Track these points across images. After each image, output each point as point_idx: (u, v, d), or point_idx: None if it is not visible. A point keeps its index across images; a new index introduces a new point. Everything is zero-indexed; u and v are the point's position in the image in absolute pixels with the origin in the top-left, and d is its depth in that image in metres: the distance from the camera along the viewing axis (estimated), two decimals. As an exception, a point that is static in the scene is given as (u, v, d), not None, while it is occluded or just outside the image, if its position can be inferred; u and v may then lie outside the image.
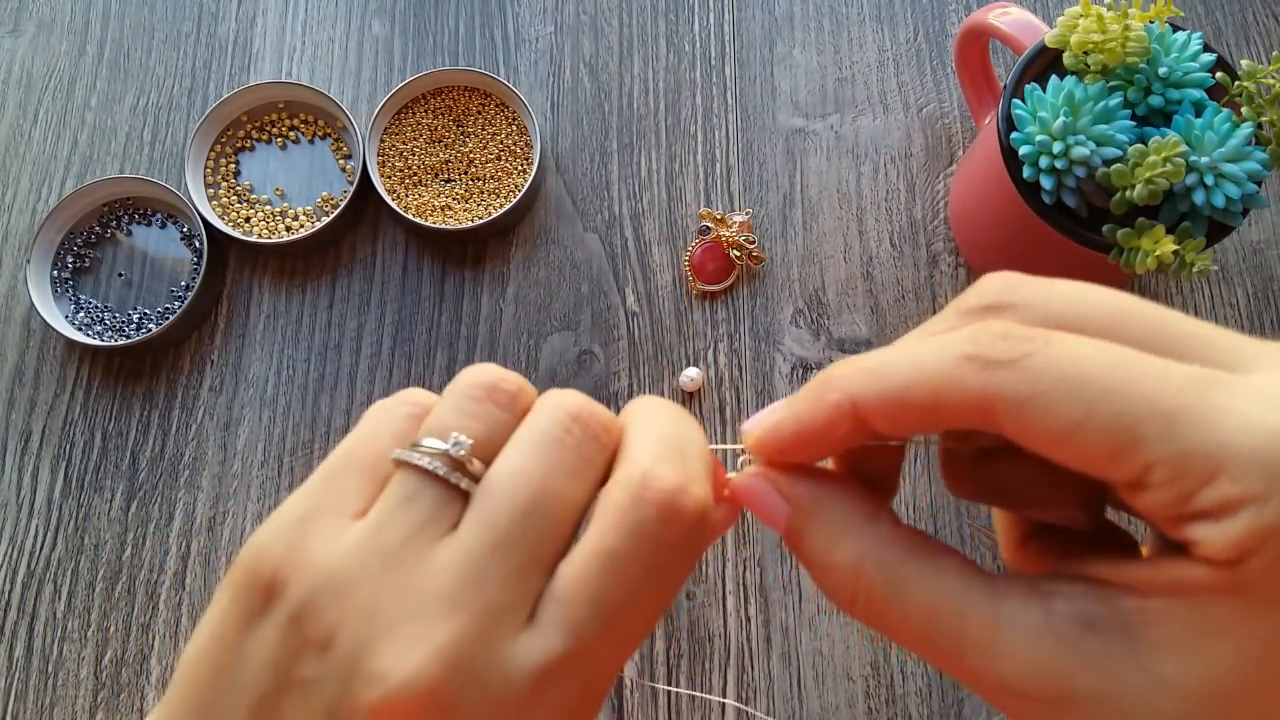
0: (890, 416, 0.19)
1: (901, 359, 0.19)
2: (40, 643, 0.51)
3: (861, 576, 0.20)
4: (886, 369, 0.19)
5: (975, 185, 0.51)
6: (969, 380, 0.18)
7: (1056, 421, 0.17)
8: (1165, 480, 0.16)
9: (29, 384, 0.55)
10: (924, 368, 0.18)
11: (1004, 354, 0.18)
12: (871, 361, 0.20)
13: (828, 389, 0.20)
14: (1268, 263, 0.54)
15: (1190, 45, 0.42)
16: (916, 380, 0.18)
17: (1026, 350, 0.17)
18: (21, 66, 0.61)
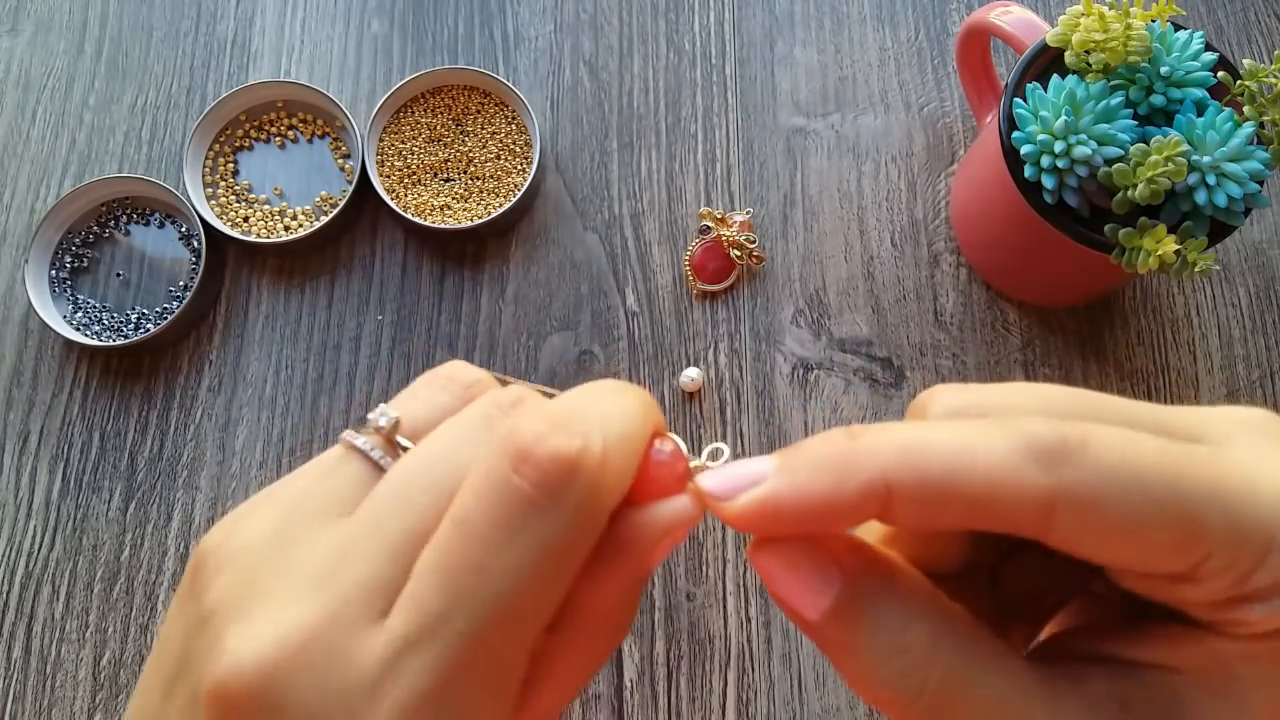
0: (928, 509, 0.16)
1: (946, 443, 0.16)
2: (38, 643, 0.51)
3: (934, 668, 0.17)
4: (928, 452, 0.16)
5: (977, 185, 0.51)
6: (1033, 478, 0.16)
7: (1121, 520, 0.16)
8: (1219, 569, 0.16)
9: (27, 384, 0.55)
10: (977, 457, 0.16)
11: (1062, 447, 0.16)
12: (906, 439, 0.17)
13: (851, 466, 0.17)
14: (1270, 262, 0.54)
15: (1192, 44, 0.42)
16: (968, 470, 0.16)
17: (1080, 442, 0.16)
18: (20, 66, 0.61)
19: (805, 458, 0.17)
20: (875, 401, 0.52)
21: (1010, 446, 0.16)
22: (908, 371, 0.53)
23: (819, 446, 0.17)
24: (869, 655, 0.17)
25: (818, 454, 0.17)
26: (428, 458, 0.19)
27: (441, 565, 0.17)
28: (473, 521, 0.17)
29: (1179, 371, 0.52)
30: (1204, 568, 0.16)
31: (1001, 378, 0.53)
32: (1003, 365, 0.53)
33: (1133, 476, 0.16)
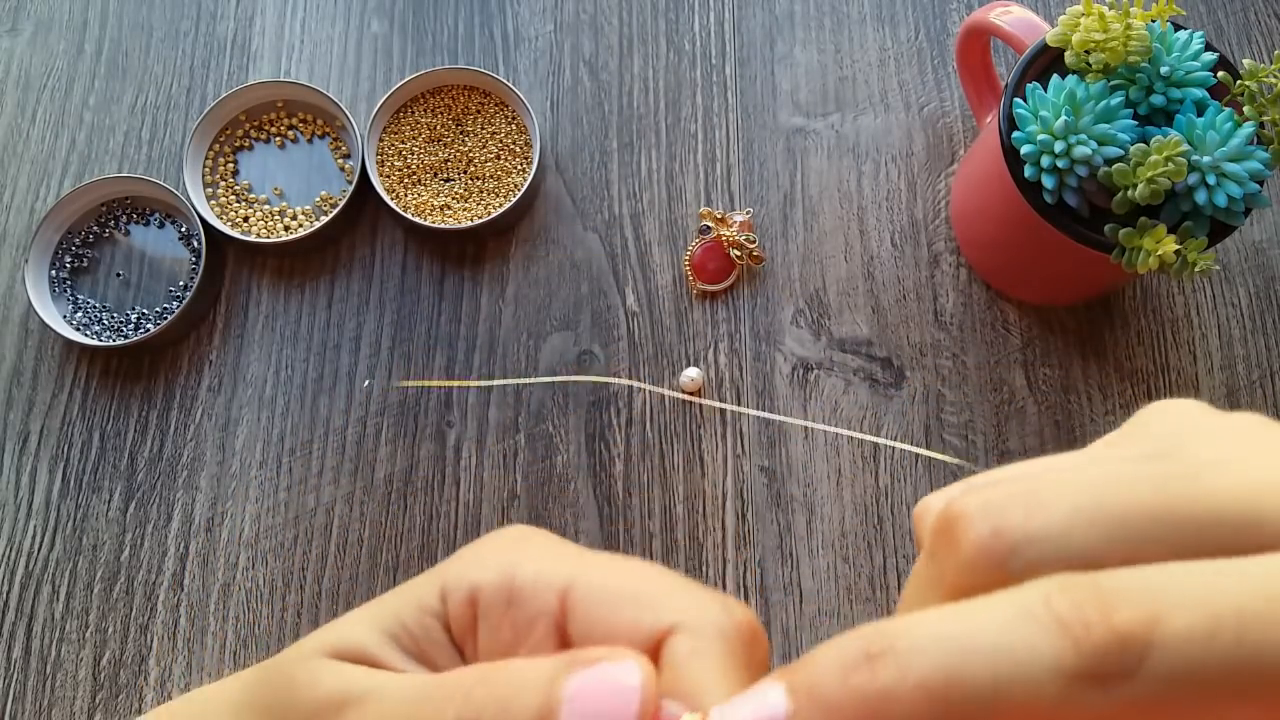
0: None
1: (980, 666, 0.14)
2: (38, 643, 0.51)
3: None
4: (962, 684, 0.14)
5: (976, 185, 0.51)
6: (1087, 702, 0.14)
7: (1193, 703, 0.13)
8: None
9: (27, 384, 0.55)
10: (1019, 687, 0.14)
11: (1122, 668, 0.13)
12: (934, 666, 0.14)
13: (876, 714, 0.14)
14: (1270, 262, 0.54)
15: (1192, 44, 0.42)
16: (1009, 705, 0.14)
17: (1143, 643, 0.13)
18: (20, 66, 0.61)
19: (823, 707, 0.15)
20: (875, 401, 0.52)
21: (1059, 666, 0.14)
22: (907, 371, 0.53)
23: (836, 695, 0.15)
24: None
25: (836, 705, 0.15)
26: None
27: None
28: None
29: (1179, 371, 0.52)
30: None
31: (1001, 378, 0.53)
32: (1003, 365, 0.53)
33: (1205, 669, 0.13)
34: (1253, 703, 0.13)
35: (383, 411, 0.54)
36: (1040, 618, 0.14)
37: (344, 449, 0.53)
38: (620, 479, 0.52)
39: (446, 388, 0.52)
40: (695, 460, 0.52)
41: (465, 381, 0.54)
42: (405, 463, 0.53)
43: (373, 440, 0.53)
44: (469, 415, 0.53)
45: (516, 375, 0.54)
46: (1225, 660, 0.13)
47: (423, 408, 0.54)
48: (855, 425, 0.52)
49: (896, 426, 0.52)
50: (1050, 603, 0.14)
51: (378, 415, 0.54)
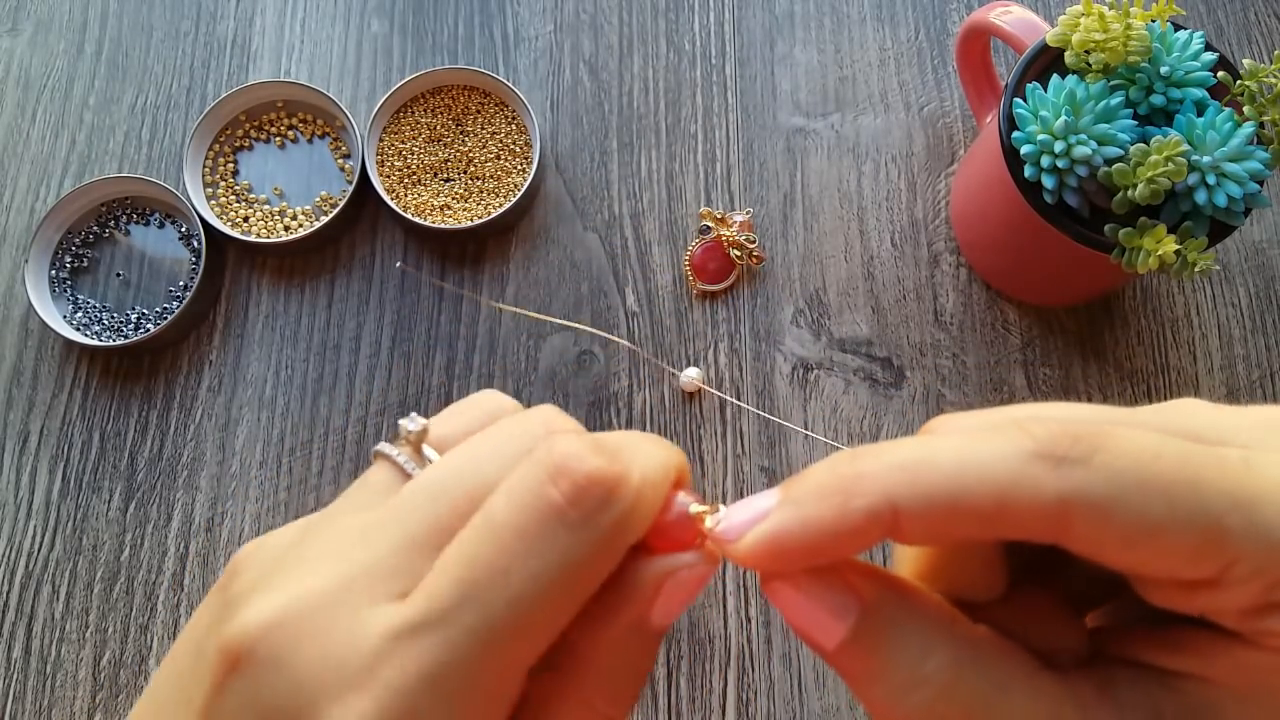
0: (937, 525, 0.16)
1: (948, 455, 0.16)
2: (38, 643, 0.51)
3: (957, 695, 0.16)
4: (931, 466, 0.16)
5: (976, 185, 0.51)
6: (1042, 482, 0.15)
7: (1138, 524, 0.15)
8: (1246, 576, 0.15)
9: (27, 384, 0.55)
10: (982, 466, 0.16)
11: (1075, 450, 0.15)
12: (907, 455, 0.16)
13: (853, 490, 0.16)
14: (1270, 262, 0.54)
15: (1192, 44, 0.42)
16: (973, 482, 0.16)
17: (1095, 444, 0.15)
18: (20, 65, 0.61)
19: (807, 487, 0.17)
20: (875, 401, 0.52)
21: (1017, 450, 0.16)
22: (908, 371, 0.53)
23: (820, 474, 0.17)
24: (890, 685, 0.17)
25: (819, 482, 0.17)
26: (458, 464, 0.19)
27: (463, 560, 0.17)
28: (501, 524, 0.17)
29: (1179, 371, 0.52)
30: (1229, 574, 0.15)
31: (1001, 378, 0.53)
32: (1003, 365, 0.53)
33: (1150, 479, 0.15)
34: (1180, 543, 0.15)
35: (383, 411, 0.54)
36: (1006, 427, 0.16)
37: (344, 449, 0.53)
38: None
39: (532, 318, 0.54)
40: (695, 460, 0.52)
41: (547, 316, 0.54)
42: (405, 463, 0.53)
43: (372, 440, 0.53)
44: (469, 415, 0.53)
45: (517, 377, 0.54)
46: (1166, 476, 0.15)
47: (423, 408, 0.54)
48: (855, 425, 0.52)
49: (896, 426, 0.52)
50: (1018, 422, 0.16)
51: (378, 415, 0.54)
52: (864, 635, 0.17)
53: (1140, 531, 0.15)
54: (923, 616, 0.17)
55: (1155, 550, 0.15)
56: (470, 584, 0.17)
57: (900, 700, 0.17)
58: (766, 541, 0.17)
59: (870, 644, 0.17)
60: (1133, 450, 0.15)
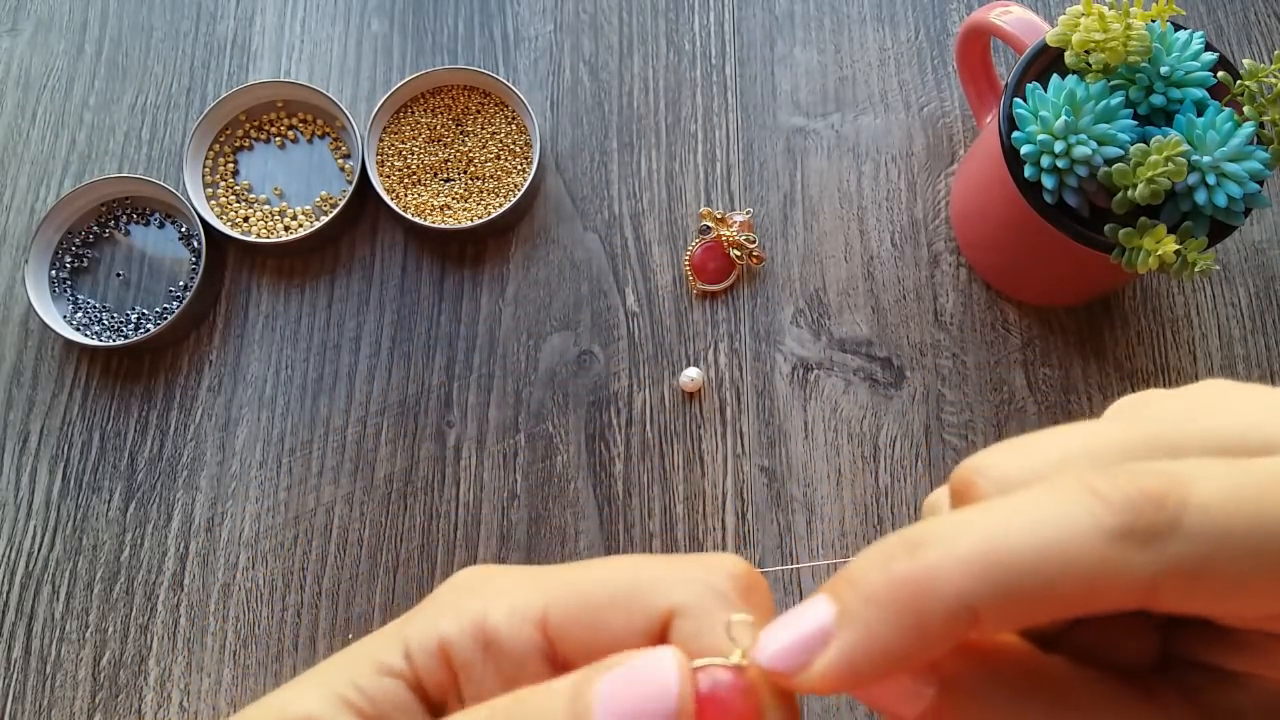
0: (1020, 619, 0.15)
1: (1022, 539, 0.14)
2: (38, 643, 0.51)
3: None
4: (1006, 557, 0.14)
5: (976, 185, 0.51)
6: (1133, 563, 0.14)
7: (1227, 582, 0.14)
8: None
9: (27, 384, 0.55)
10: (1063, 551, 0.14)
11: (1160, 520, 0.14)
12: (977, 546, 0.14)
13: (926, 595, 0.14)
14: (1270, 262, 0.54)
15: (1192, 44, 0.42)
16: (1057, 571, 0.14)
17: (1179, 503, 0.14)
18: (20, 65, 0.61)
19: (869, 600, 0.15)
20: (875, 401, 0.52)
21: (1096, 526, 0.14)
22: (908, 371, 0.53)
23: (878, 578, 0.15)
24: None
25: (879, 591, 0.15)
26: None
27: None
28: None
29: (1179, 372, 0.52)
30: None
31: (1001, 378, 0.53)
32: (1003, 365, 0.53)
33: (1236, 535, 0.14)
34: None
35: (383, 411, 0.54)
36: (1073, 490, 0.15)
37: (344, 449, 0.53)
38: (620, 479, 0.52)
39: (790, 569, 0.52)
40: (695, 460, 0.52)
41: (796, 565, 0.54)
42: (405, 463, 0.53)
43: (373, 440, 0.53)
44: (469, 415, 0.53)
45: (517, 377, 0.54)
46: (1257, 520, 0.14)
47: (423, 408, 0.54)
48: (855, 425, 0.52)
49: (896, 426, 0.52)
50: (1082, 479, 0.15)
51: (378, 415, 0.54)
52: (945, 707, 0.16)
53: (1230, 588, 0.14)
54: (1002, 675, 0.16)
55: (1246, 600, 0.14)
56: None
57: None
58: (840, 671, 0.15)
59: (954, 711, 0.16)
60: (1216, 504, 0.14)
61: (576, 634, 0.17)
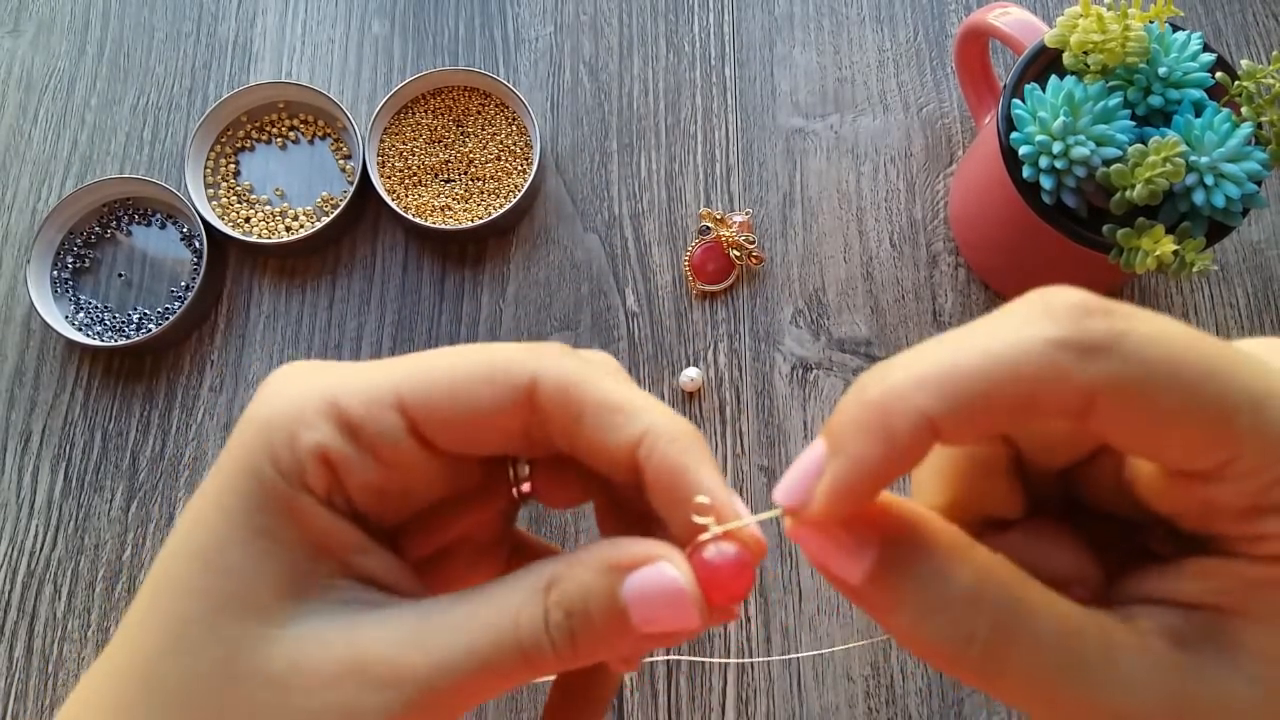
0: (975, 427, 0.16)
1: (973, 355, 0.16)
2: (40, 643, 0.51)
3: (980, 617, 0.17)
4: (960, 371, 0.16)
5: (975, 185, 0.51)
6: (1069, 370, 0.16)
7: (1156, 409, 0.16)
8: (1245, 472, 0.16)
9: (29, 384, 0.55)
10: (1010, 361, 0.16)
11: (1103, 338, 0.16)
12: (934, 365, 0.16)
13: (891, 414, 0.16)
14: (1268, 262, 0.54)
15: (1190, 45, 0.43)
16: (1004, 379, 0.16)
17: (1121, 329, 0.16)
18: (21, 66, 0.61)
19: (846, 427, 0.17)
20: (874, 401, 0.53)
21: (1043, 341, 0.16)
22: (907, 371, 0.53)
23: (852, 409, 0.17)
24: (913, 613, 0.17)
25: (853, 418, 0.17)
26: None
27: None
28: None
29: (1177, 371, 0.53)
30: (1230, 468, 0.16)
31: (1000, 378, 0.53)
32: (1002, 365, 0.53)
33: (1172, 368, 0.15)
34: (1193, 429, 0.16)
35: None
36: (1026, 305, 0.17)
37: (345, 449, 0.53)
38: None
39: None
40: (695, 460, 0.52)
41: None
42: (406, 462, 0.53)
43: (374, 440, 0.53)
44: (469, 415, 0.53)
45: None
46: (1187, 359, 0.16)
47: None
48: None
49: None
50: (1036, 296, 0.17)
51: (379, 415, 0.54)
52: (884, 570, 0.18)
53: (1158, 417, 0.16)
54: (939, 544, 0.18)
55: (1169, 437, 0.16)
56: None
57: (924, 623, 0.17)
58: (837, 496, 0.17)
59: (891, 577, 0.18)
60: (1157, 337, 0.16)
61: (440, 412, 0.19)
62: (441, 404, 0.19)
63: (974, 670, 0.17)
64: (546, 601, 0.19)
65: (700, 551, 0.19)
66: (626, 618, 0.18)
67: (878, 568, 0.18)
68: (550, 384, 0.19)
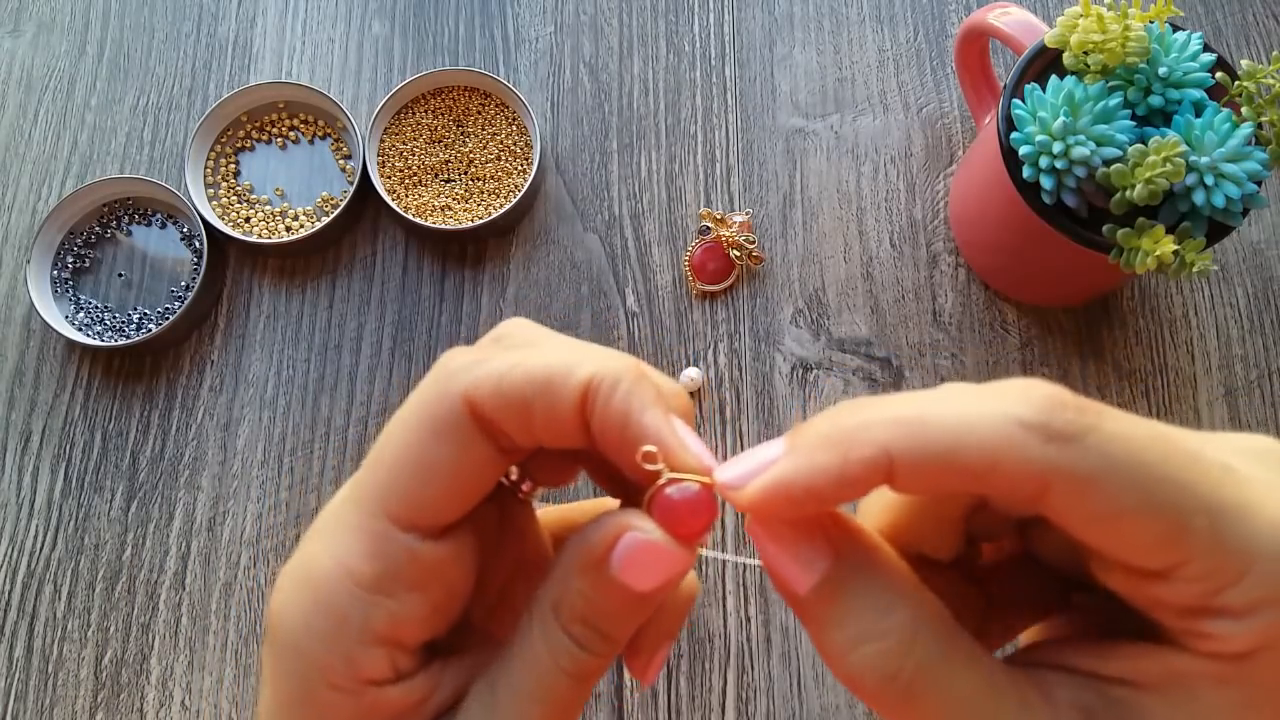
0: (929, 479, 0.17)
1: (946, 415, 0.17)
2: (40, 643, 0.51)
3: (912, 653, 0.17)
4: (930, 424, 0.17)
5: (975, 185, 0.51)
6: (1030, 451, 0.16)
7: (1110, 506, 0.16)
8: (1195, 576, 0.16)
9: (29, 384, 0.55)
10: (977, 430, 0.16)
11: (1068, 427, 0.16)
12: (908, 411, 0.17)
13: (853, 441, 0.17)
14: (1268, 263, 0.54)
15: (1190, 45, 0.43)
16: (967, 442, 0.16)
17: (1089, 424, 0.16)
18: (21, 67, 0.61)
19: (809, 437, 0.18)
20: (874, 401, 0.53)
21: (1012, 416, 0.16)
22: (906, 371, 0.53)
23: (822, 425, 0.18)
24: (848, 635, 0.18)
25: (820, 432, 0.18)
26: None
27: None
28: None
29: (1177, 371, 0.53)
30: (1180, 571, 0.16)
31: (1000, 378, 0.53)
32: (1001, 365, 0.53)
33: (1132, 468, 0.16)
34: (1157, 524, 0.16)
35: (384, 411, 0.54)
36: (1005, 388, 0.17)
37: (345, 449, 0.53)
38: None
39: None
40: (695, 460, 0.52)
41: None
42: (406, 462, 0.53)
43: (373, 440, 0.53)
44: (470, 415, 0.53)
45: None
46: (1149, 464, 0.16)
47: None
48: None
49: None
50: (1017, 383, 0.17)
51: (379, 415, 0.54)
52: (831, 585, 0.18)
53: (1110, 513, 0.16)
54: (887, 576, 0.18)
55: (1120, 534, 0.16)
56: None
57: (855, 648, 0.18)
58: (770, 489, 0.18)
59: (836, 594, 0.18)
60: (1122, 436, 0.16)
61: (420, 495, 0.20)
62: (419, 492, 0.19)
63: (889, 707, 0.18)
64: (563, 626, 0.19)
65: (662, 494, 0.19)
66: (629, 589, 0.19)
67: (825, 584, 0.18)
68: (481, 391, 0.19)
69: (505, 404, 0.19)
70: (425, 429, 0.19)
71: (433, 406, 0.20)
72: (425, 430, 0.19)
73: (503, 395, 0.19)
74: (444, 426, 0.19)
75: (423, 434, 0.19)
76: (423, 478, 0.19)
